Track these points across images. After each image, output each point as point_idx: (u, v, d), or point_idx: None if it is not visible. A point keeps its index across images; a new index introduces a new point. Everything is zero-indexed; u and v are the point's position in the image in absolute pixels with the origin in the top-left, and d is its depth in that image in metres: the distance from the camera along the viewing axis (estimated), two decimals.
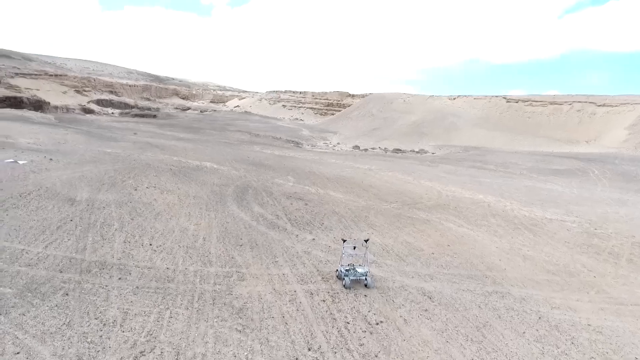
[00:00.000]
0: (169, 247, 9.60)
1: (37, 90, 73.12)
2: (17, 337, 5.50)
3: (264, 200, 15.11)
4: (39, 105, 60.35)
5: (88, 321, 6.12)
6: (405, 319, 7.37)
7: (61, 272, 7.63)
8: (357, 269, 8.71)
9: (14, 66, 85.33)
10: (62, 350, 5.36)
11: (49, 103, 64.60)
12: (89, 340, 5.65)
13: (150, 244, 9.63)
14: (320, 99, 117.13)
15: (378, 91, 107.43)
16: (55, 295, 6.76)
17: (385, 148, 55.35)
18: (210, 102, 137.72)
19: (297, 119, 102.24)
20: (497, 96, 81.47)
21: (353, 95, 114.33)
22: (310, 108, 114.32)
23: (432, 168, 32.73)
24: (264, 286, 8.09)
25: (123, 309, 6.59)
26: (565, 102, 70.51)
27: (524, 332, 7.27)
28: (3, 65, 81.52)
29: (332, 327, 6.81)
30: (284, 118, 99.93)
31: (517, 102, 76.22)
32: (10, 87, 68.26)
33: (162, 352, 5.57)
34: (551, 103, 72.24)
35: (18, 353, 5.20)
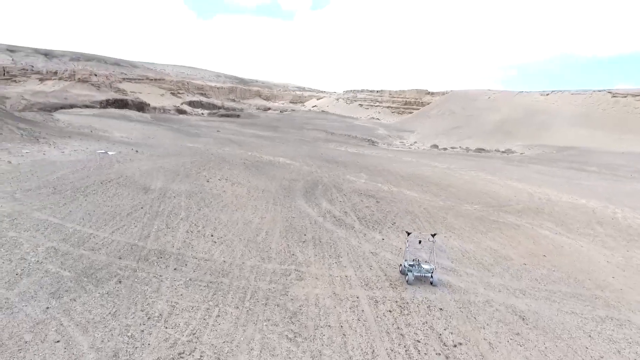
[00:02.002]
0: (229, 239, 9.22)
1: (140, 93, 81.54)
2: (62, 324, 5.31)
3: (333, 197, 14.33)
4: (141, 106, 66.96)
5: (134, 313, 5.78)
6: (490, 343, 5.97)
7: (120, 258, 7.55)
8: (422, 265, 7.97)
9: (122, 72, 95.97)
10: (101, 342, 5.03)
11: (149, 104, 71.43)
12: (129, 334, 5.26)
13: (212, 235, 9.34)
14: (398, 97, 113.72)
15: (460, 89, 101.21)
16: (109, 282, 6.61)
17: (466, 147, 51.49)
18: (290, 102, 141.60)
19: (373, 117, 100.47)
20: (599, 91, 71.52)
21: (432, 93, 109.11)
22: (387, 107, 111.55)
23: (521, 168, 29.36)
24: (324, 288, 7.22)
25: (171, 302, 6.18)
26: None
27: None
28: (114, 72, 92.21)
29: (399, 344, 5.69)
30: (360, 117, 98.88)
31: (625, 97, 65.97)
32: (119, 90, 76.96)
33: (201, 357, 4.97)
34: None
35: (58, 342, 4.96)
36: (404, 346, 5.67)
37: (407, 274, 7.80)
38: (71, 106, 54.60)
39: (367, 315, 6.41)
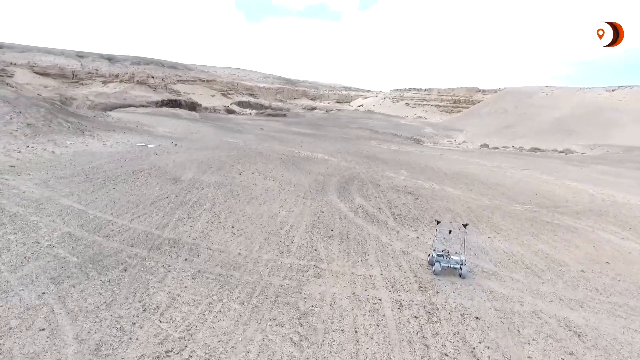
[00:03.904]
0: (250, 231, 8.71)
1: (193, 94, 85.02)
2: (53, 311, 4.99)
3: (369, 192, 13.48)
4: (193, 106, 69.53)
5: (130, 303, 5.36)
6: None
7: (132, 246, 7.25)
8: (452, 256, 7.46)
9: (177, 74, 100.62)
10: (86, 333, 4.63)
11: (201, 104, 74.12)
12: (119, 326, 4.83)
13: (232, 227, 8.88)
14: (446, 95, 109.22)
15: (514, 86, 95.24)
16: (114, 270, 6.28)
17: (520, 147, 48.06)
18: (336, 102, 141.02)
19: (420, 116, 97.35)
20: None
21: (483, 91, 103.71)
22: (435, 105, 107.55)
23: (582, 168, 26.68)
24: (342, 288, 6.46)
25: (173, 295, 5.71)
26: None
27: None
28: (169, 74, 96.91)
29: (422, 357, 4.81)
30: (406, 116, 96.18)
31: None
32: (173, 91, 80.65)
33: (190, 356, 4.42)
34: None
35: (43, 330, 4.62)
36: (427, 359, 4.78)
37: (434, 264, 7.30)
38: (129, 106, 57.72)
39: (387, 320, 5.56)
